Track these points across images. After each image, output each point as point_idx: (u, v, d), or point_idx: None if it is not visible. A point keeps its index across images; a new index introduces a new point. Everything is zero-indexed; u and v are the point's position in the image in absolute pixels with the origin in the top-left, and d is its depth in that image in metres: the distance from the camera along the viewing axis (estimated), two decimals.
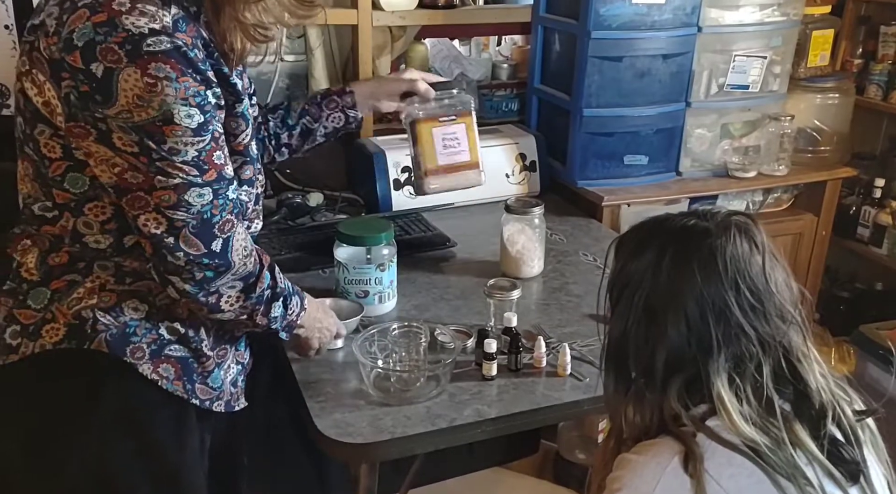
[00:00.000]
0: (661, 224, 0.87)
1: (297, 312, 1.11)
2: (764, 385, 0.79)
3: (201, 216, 0.94)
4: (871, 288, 2.55)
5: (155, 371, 1.00)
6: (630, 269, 0.84)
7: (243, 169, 1.07)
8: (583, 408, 1.19)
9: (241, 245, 0.99)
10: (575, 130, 1.95)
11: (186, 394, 1.03)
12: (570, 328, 1.38)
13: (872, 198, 2.44)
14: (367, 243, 1.38)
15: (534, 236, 1.56)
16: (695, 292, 0.80)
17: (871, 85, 2.43)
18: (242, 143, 1.06)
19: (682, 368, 0.81)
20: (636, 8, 1.84)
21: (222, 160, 0.96)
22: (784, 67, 2.09)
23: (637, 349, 0.83)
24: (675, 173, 2.07)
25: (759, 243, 0.82)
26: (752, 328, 0.80)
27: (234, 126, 1.04)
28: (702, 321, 0.79)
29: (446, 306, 1.46)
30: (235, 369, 1.14)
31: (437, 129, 1.38)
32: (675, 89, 1.97)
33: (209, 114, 0.93)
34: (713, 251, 0.80)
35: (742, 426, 0.76)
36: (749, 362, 0.79)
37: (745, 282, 0.80)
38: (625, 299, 0.84)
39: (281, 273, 1.08)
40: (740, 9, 1.98)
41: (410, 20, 2.11)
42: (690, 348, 0.80)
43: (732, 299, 0.79)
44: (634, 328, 0.83)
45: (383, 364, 1.21)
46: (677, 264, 0.81)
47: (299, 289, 1.14)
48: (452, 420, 1.12)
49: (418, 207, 1.87)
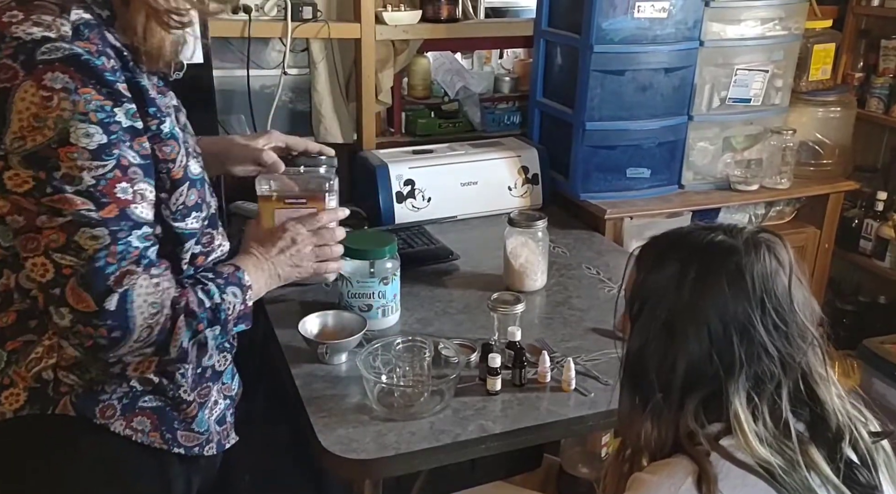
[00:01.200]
0: (685, 238, 0.85)
1: (240, 301, 0.94)
2: (782, 406, 0.78)
3: (92, 264, 0.78)
4: (875, 301, 2.54)
5: (128, 427, 0.92)
6: (651, 282, 0.83)
7: (188, 195, 0.92)
8: (588, 424, 1.19)
9: (146, 301, 0.82)
10: (577, 144, 1.95)
11: (167, 444, 0.96)
12: (575, 342, 1.37)
13: (875, 211, 2.44)
14: (371, 256, 1.37)
15: (537, 250, 1.55)
16: (719, 309, 0.79)
17: (872, 98, 2.44)
18: (180, 168, 0.91)
19: (701, 385, 0.79)
20: (638, 22, 1.85)
21: (130, 196, 0.81)
22: (786, 80, 2.10)
23: (657, 364, 0.81)
24: (677, 186, 2.07)
25: (786, 263, 0.81)
26: (776, 348, 0.78)
27: (167, 151, 0.89)
28: (725, 339, 0.78)
29: (450, 321, 1.45)
30: (223, 404, 1.07)
31: (282, 211, 1.09)
32: (677, 103, 1.98)
33: (115, 136, 0.80)
34: (741, 269, 0.79)
35: (756, 446, 0.75)
36: (769, 382, 0.78)
37: (772, 301, 0.79)
38: (646, 312, 0.83)
39: (202, 290, 0.90)
40: (742, 23, 1.99)
41: (413, 34, 2.12)
42: (711, 365, 0.79)
43: (758, 317, 0.78)
44: (654, 342, 0.81)
45: (387, 379, 1.20)
46: (703, 280, 0.80)
47: (230, 271, 0.96)
48: (456, 436, 1.11)
49: (421, 220, 1.87)
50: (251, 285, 0.96)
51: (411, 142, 2.18)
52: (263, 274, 1.01)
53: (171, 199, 0.90)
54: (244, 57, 2.00)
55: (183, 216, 0.91)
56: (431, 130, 2.26)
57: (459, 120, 2.30)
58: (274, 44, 2.08)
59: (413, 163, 1.93)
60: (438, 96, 2.34)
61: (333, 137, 2.13)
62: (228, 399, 1.09)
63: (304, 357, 1.30)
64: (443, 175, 1.94)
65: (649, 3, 1.84)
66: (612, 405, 1.18)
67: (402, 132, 2.29)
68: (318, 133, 2.14)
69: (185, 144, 0.93)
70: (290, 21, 1.95)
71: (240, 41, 1.99)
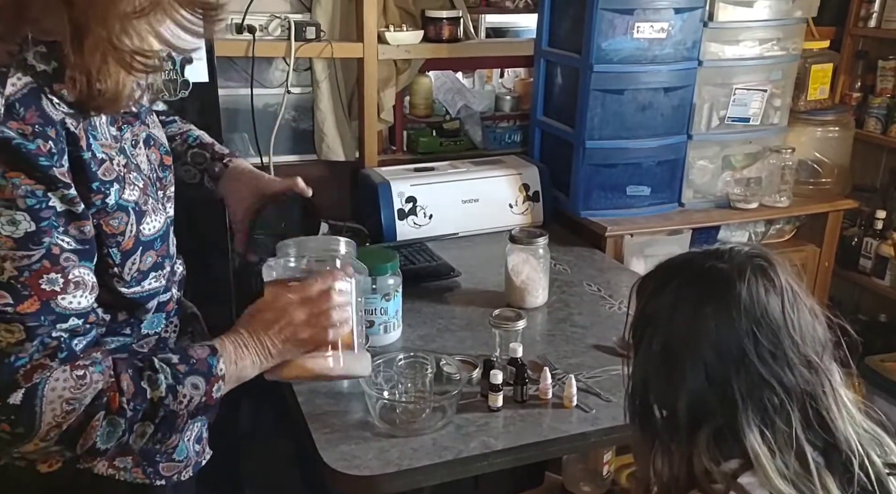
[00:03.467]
0: (680, 265, 0.84)
1: (201, 393, 0.83)
2: (794, 437, 0.75)
3: (0, 358, 0.73)
4: (875, 320, 2.54)
5: (111, 466, 0.91)
6: (649, 311, 0.82)
7: (143, 260, 0.87)
8: (590, 441, 1.19)
9: (61, 397, 0.74)
10: (578, 162, 1.97)
11: (149, 479, 0.95)
12: (576, 359, 1.37)
13: (874, 230, 2.45)
14: (373, 272, 1.38)
15: (538, 267, 1.56)
16: (711, 339, 0.76)
17: (870, 118, 2.46)
18: (131, 238, 0.85)
19: (706, 418, 0.77)
20: (637, 42, 1.87)
21: (58, 287, 0.75)
22: (784, 100, 2.12)
23: (659, 396, 0.80)
24: (677, 204, 2.09)
25: (780, 287, 0.78)
26: (774, 378, 0.75)
27: (114, 224, 0.82)
28: (721, 370, 0.76)
29: (452, 337, 1.45)
30: (200, 422, 1.05)
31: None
32: (676, 122, 1.99)
33: (46, 223, 0.74)
34: (727, 296, 0.76)
35: (778, 482, 0.73)
36: (776, 413, 0.75)
37: (763, 329, 0.76)
38: (644, 342, 0.81)
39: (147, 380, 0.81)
40: (740, 43, 2.02)
41: (415, 54, 2.14)
42: (713, 398, 0.76)
43: (751, 347, 0.75)
44: (655, 374, 0.80)
45: (389, 395, 1.20)
46: (692, 309, 0.78)
47: (202, 356, 0.85)
48: (459, 452, 1.11)
49: (423, 237, 1.88)
50: (223, 374, 0.85)
51: (413, 160, 2.19)
52: (248, 354, 0.89)
53: (125, 270, 0.85)
54: (248, 76, 2.02)
55: (138, 281, 0.87)
56: (433, 148, 2.28)
57: (461, 138, 2.32)
58: (277, 63, 2.10)
59: (415, 180, 1.94)
60: (440, 115, 2.36)
61: (336, 155, 2.15)
62: (204, 417, 1.06)
63: None
64: (444, 192, 1.95)
65: (648, 23, 1.86)
66: (614, 422, 1.19)
67: (404, 150, 2.31)
68: (320, 151, 2.15)
69: (135, 211, 0.85)
70: (293, 41, 1.98)
71: (244, 61, 2.01)
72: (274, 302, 0.92)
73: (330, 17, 2.07)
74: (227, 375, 0.86)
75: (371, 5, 2.01)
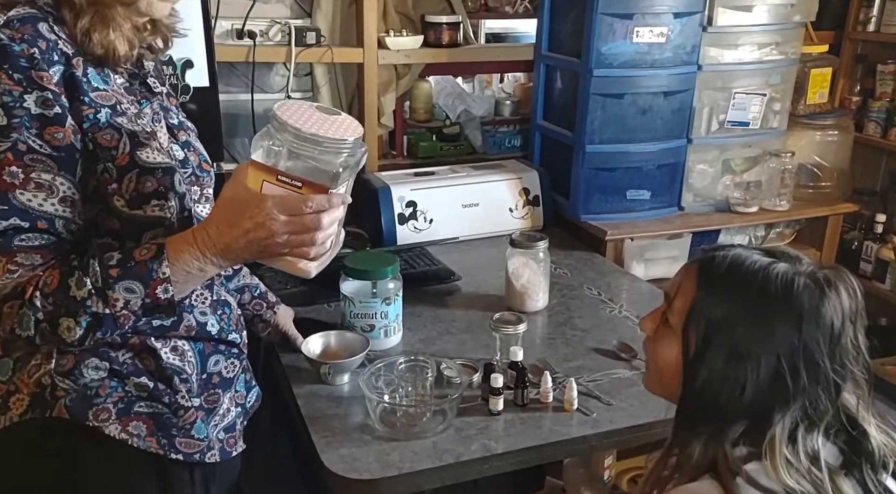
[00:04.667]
0: (747, 263, 0.83)
1: (138, 296, 0.86)
2: (816, 436, 0.79)
3: None
4: (875, 323, 2.54)
5: (124, 431, 0.94)
6: (721, 308, 0.82)
7: (140, 182, 0.91)
8: (590, 444, 1.18)
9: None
10: (578, 166, 1.97)
11: (163, 450, 0.97)
12: (577, 362, 1.37)
13: (874, 233, 2.45)
14: (373, 276, 1.38)
15: (538, 270, 1.56)
16: (793, 343, 0.78)
17: (869, 122, 2.47)
18: (125, 155, 0.90)
19: (755, 411, 0.80)
20: (637, 47, 1.88)
21: (18, 181, 0.83)
22: (783, 104, 2.12)
23: (728, 391, 0.81)
24: (677, 208, 2.09)
25: (858, 302, 0.82)
26: (836, 384, 0.79)
27: (108, 138, 0.89)
28: (793, 372, 0.79)
29: (452, 340, 1.45)
30: (234, 412, 1.08)
31: (271, 186, 0.86)
32: (676, 126, 2.00)
33: (17, 120, 0.82)
34: (818, 307, 0.79)
35: (784, 472, 0.75)
36: (816, 412, 0.79)
37: (842, 341, 0.80)
38: (715, 340, 0.81)
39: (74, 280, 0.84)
40: (739, 48, 2.02)
41: (415, 59, 2.15)
42: (772, 394, 0.79)
43: (826, 353, 0.79)
44: (724, 370, 0.80)
45: (390, 399, 1.20)
46: (778, 314, 0.79)
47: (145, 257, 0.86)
48: (459, 455, 1.11)
49: (423, 241, 1.88)
50: (166, 276, 0.86)
51: (413, 164, 2.20)
52: (208, 258, 0.88)
53: (122, 186, 0.90)
54: (249, 81, 2.03)
55: (139, 204, 0.91)
56: (433, 152, 2.28)
57: (461, 143, 2.33)
58: (278, 68, 2.11)
59: (415, 185, 1.95)
60: (440, 119, 2.36)
61: None
62: (240, 408, 1.10)
63: (307, 377, 1.30)
64: (444, 197, 1.95)
65: (648, 28, 1.87)
66: (614, 426, 1.19)
67: (404, 155, 2.31)
68: None
69: (130, 136, 0.91)
70: (293, 46, 1.99)
71: (244, 66, 2.02)
72: (259, 207, 0.85)
73: (330, 23, 2.08)
74: (174, 276, 0.86)
75: (371, 10, 2.02)
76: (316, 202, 0.85)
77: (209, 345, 1.04)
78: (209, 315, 1.03)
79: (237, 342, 1.09)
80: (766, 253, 0.85)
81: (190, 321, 1.00)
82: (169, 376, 0.97)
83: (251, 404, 1.14)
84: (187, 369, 0.99)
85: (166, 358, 0.97)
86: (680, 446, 0.84)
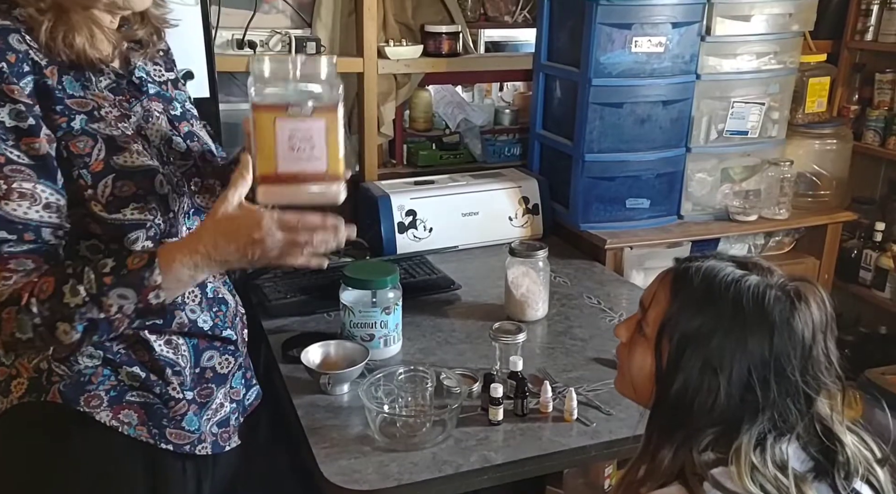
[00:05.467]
0: (720, 274, 0.84)
1: (131, 302, 0.87)
2: (786, 446, 0.79)
3: None
4: (875, 332, 2.54)
5: (115, 418, 0.98)
6: (693, 319, 0.82)
7: (117, 186, 0.92)
8: (590, 454, 1.18)
9: None
10: (577, 175, 1.98)
11: (154, 439, 1.00)
12: (576, 372, 1.37)
13: (873, 242, 2.45)
14: (373, 286, 1.38)
15: (538, 279, 1.56)
16: (764, 356, 0.79)
17: (868, 131, 2.47)
18: (99, 161, 0.92)
19: (724, 422, 0.80)
20: (635, 56, 1.89)
21: (1, 192, 0.85)
22: (782, 113, 2.13)
23: (700, 401, 0.81)
24: (676, 217, 2.09)
25: (828, 314, 0.83)
26: (807, 396, 0.80)
27: (80, 146, 0.91)
28: (763, 382, 0.79)
29: (452, 350, 1.45)
30: (228, 407, 1.10)
31: (285, 122, 0.91)
32: (675, 135, 2.00)
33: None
34: (789, 320, 0.80)
35: (747, 480, 0.76)
36: (783, 424, 0.80)
37: (814, 353, 0.80)
38: (689, 350, 0.82)
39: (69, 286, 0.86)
40: (737, 57, 2.03)
41: (415, 68, 2.16)
42: (742, 404, 0.80)
43: (797, 365, 0.79)
44: (697, 380, 0.81)
45: (389, 409, 1.20)
46: (751, 326, 0.80)
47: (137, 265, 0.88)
48: (459, 466, 1.11)
49: (422, 250, 1.88)
50: (158, 284, 0.88)
51: (413, 173, 2.20)
52: (198, 271, 0.91)
53: (98, 192, 0.91)
54: None
55: (117, 208, 0.92)
56: (433, 161, 2.29)
57: (460, 152, 2.33)
58: None
59: (415, 194, 1.95)
60: (440, 128, 2.37)
61: None
62: (235, 403, 1.12)
63: (306, 387, 1.30)
64: (444, 206, 1.96)
65: (646, 37, 1.88)
66: (614, 436, 1.19)
67: (404, 164, 2.32)
68: None
69: (119, 140, 0.92)
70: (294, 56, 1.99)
71: (244, 76, 2.01)
72: (258, 227, 0.88)
73: (330, 32, 2.09)
74: (166, 283, 0.89)
75: (371, 20, 2.03)
76: (310, 221, 0.90)
77: (203, 340, 1.06)
78: (200, 312, 1.05)
79: (232, 339, 1.10)
80: (738, 265, 0.85)
81: (182, 318, 1.02)
82: (161, 367, 1.00)
83: (250, 401, 1.16)
84: (180, 362, 1.02)
85: (159, 350, 1.00)
86: (651, 452, 0.84)
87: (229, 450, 1.10)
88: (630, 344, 0.91)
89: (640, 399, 0.91)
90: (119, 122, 0.96)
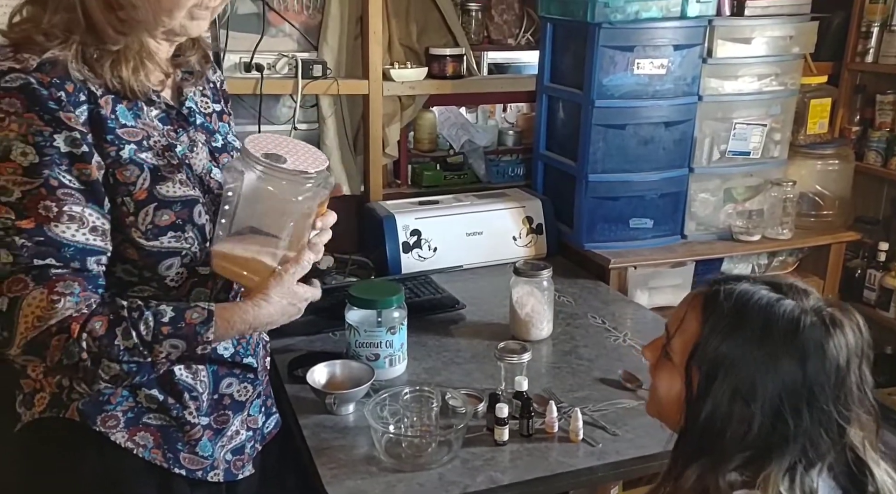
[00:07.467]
0: (753, 298, 0.81)
1: (180, 351, 0.92)
2: (815, 475, 0.78)
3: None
4: (881, 352, 2.53)
5: (130, 440, 0.98)
6: (725, 346, 0.80)
7: (157, 215, 0.95)
8: (597, 475, 1.18)
9: (33, 314, 0.86)
10: (581, 195, 1.99)
11: (168, 463, 1.00)
12: (582, 392, 1.37)
13: (877, 261, 2.45)
14: (378, 305, 1.39)
15: (543, 299, 1.57)
16: (797, 384, 0.78)
17: (870, 151, 2.48)
18: (143, 190, 0.94)
19: (754, 449, 0.79)
20: (638, 78, 1.91)
21: (52, 214, 0.87)
22: (784, 134, 2.14)
23: (732, 427, 0.80)
24: (680, 236, 2.10)
25: (864, 340, 0.81)
26: (839, 426, 0.78)
27: (127, 174, 0.93)
28: (794, 414, 0.78)
29: (457, 370, 1.45)
30: (245, 435, 1.10)
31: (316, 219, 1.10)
32: (678, 155, 2.02)
33: (48, 158, 0.87)
34: (823, 346, 0.78)
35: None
36: (815, 453, 0.78)
37: (847, 382, 0.78)
38: (721, 378, 0.80)
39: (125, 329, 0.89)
40: (739, 79, 2.05)
41: (419, 90, 2.18)
42: (774, 432, 0.78)
43: (830, 398, 0.78)
44: (729, 406, 0.79)
45: (395, 429, 1.20)
46: (783, 352, 0.78)
47: (195, 320, 0.93)
48: (465, 487, 1.10)
49: (427, 269, 1.89)
50: (210, 339, 0.93)
51: (417, 193, 2.22)
52: (245, 334, 1.04)
53: (138, 220, 0.94)
54: (256, 113, 2.06)
55: (155, 236, 0.95)
56: (437, 181, 2.30)
57: (465, 172, 2.35)
58: (284, 100, 2.14)
59: (419, 213, 1.96)
60: (444, 149, 2.39)
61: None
62: (252, 431, 1.12)
63: (312, 407, 1.30)
64: (448, 225, 1.97)
65: (648, 60, 1.90)
66: (620, 456, 1.18)
67: (409, 184, 2.33)
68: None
69: (164, 170, 0.96)
70: (300, 79, 2.02)
71: (252, 98, 2.05)
72: (298, 303, 1.03)
73: (336, 56, 2.11)
74: (215, 340, 0.95)
75: (376, 44, 2.06)
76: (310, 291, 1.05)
77: (223, 367, 1.07)
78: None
79: (253, 367, 1.11)
80: (772, 287, 0.83)
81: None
82: (180, 391, 1.01)
83: (269, 430, 1.16)
84: (199, 387, 1.03)
85: (179, 374, 1.01)
86: (675, 476, 0.83)
87: (242, 479, 1.10)
88: (656, 367, 0.89)
89: (669, 424, 0.89)
90: (166, 151, 0.98)
